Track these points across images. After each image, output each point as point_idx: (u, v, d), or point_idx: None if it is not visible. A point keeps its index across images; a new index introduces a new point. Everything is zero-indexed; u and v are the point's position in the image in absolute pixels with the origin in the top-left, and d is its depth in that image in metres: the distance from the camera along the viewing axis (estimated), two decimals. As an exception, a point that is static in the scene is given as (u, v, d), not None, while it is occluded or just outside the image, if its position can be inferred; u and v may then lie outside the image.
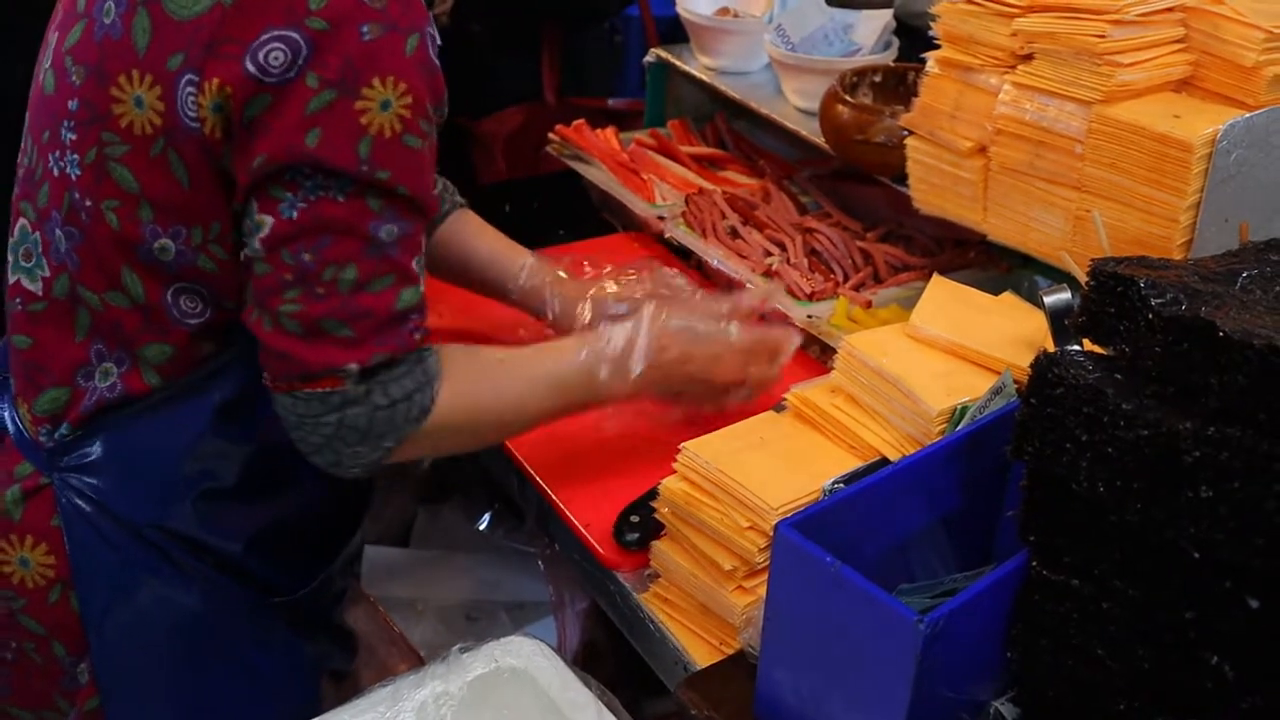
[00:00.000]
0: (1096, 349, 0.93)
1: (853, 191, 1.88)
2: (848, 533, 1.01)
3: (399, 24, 1.04)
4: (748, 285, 1.63)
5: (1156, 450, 0.83)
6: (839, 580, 0.93)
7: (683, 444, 1.19)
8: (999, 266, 1.63)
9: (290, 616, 1.31)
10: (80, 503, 1.20)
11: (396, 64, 1.04)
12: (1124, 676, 0.90)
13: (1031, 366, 0.91)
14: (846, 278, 1.69)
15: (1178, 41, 1.30)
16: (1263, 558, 0.79)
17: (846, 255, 1.72)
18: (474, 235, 1.59)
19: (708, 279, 1.82)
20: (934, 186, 1.47)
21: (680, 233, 1.83)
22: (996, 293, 1.39)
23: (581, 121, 2.08)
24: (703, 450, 1.17)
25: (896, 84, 1.74)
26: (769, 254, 1.73)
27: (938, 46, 1.42)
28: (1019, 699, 0.98)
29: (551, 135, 2.07)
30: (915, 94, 1.46)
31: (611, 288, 1.54)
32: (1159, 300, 0.86)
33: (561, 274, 1.58)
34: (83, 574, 1.20)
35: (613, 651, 1.72)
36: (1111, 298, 0.90)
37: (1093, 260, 0.93)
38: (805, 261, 1.71)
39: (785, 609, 1.01)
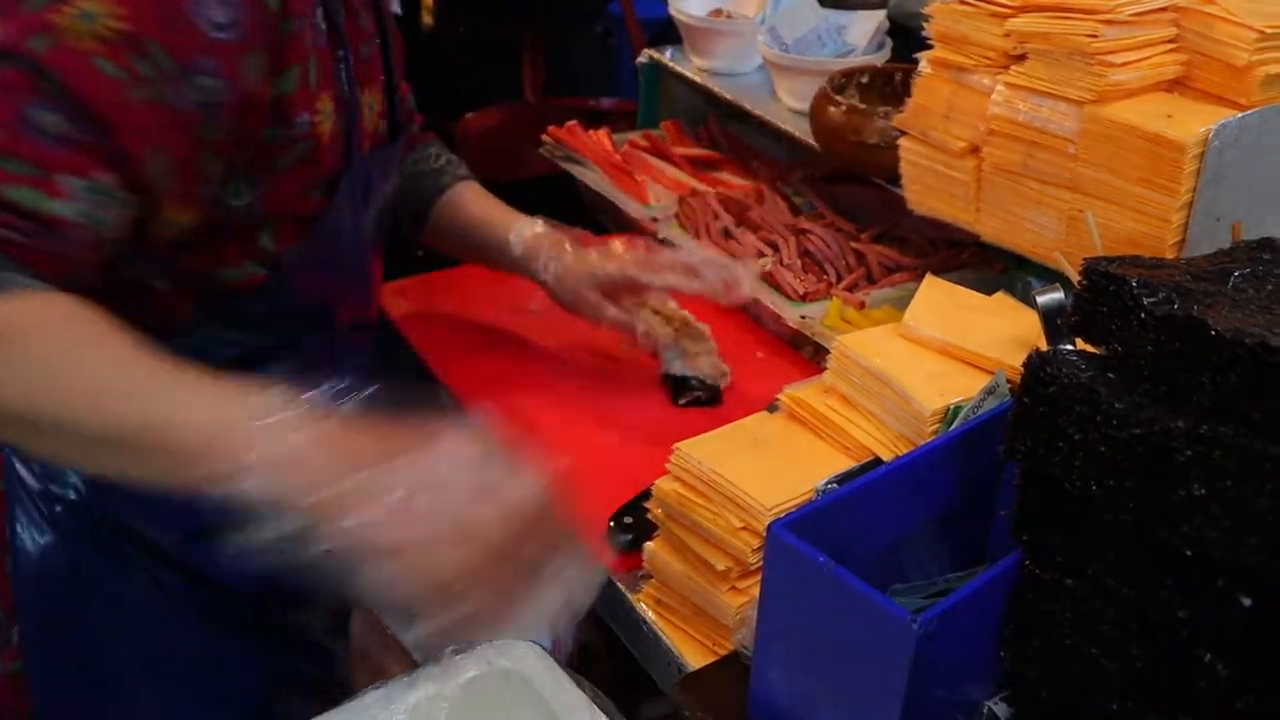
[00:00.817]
0: (1089, 348, 0.93)
1: (846, 193, 1.89)
2: (841, 533, 1.01)
3: None
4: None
5: (1149, 449, 0.82)
6: (832, 580, 0.93)
7: (676, 444, 1.18)
8: (993, 267, 1.63)
9: (234, 613, 1.28)
10: (25, 475, 1.20)
11: None
12: (1117, 675, 0.89)
13: (1024, 365, 0.91)
14: (840, 278, 1.69)
15: (1170, 41, 1.30)
16: (1256, 556, 0.79)
17: (840, 256, 1.72)
18: (470, 201, 1.55)
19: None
20: (927, 187, 1.47)
21: (673, 234, 1.83)
22: (990, 293, 1.39)
23: (574, 123, 2.08)
24: (695, 451, 1.17)
25: (884, 85, 1.74)
26: (762, 255, 1.73)
27: (931, 47, 1.42)
28: (1012, 699, 0.98)
29: (544, 137, 2.07)
30: (903, 94, 1.47)
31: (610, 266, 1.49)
32: (1151, 299, 0.86)
33: (567, 245, 1.52)
34: (18, 543, 1.20)
35: (607, 655, 1.72)
36: (1104, 297, 0.90)
37: (1085, 259, 0.93)
38: (799, 262, 1.71)
39: (779, 609, 1.00)
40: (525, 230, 1.53)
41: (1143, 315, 0.86)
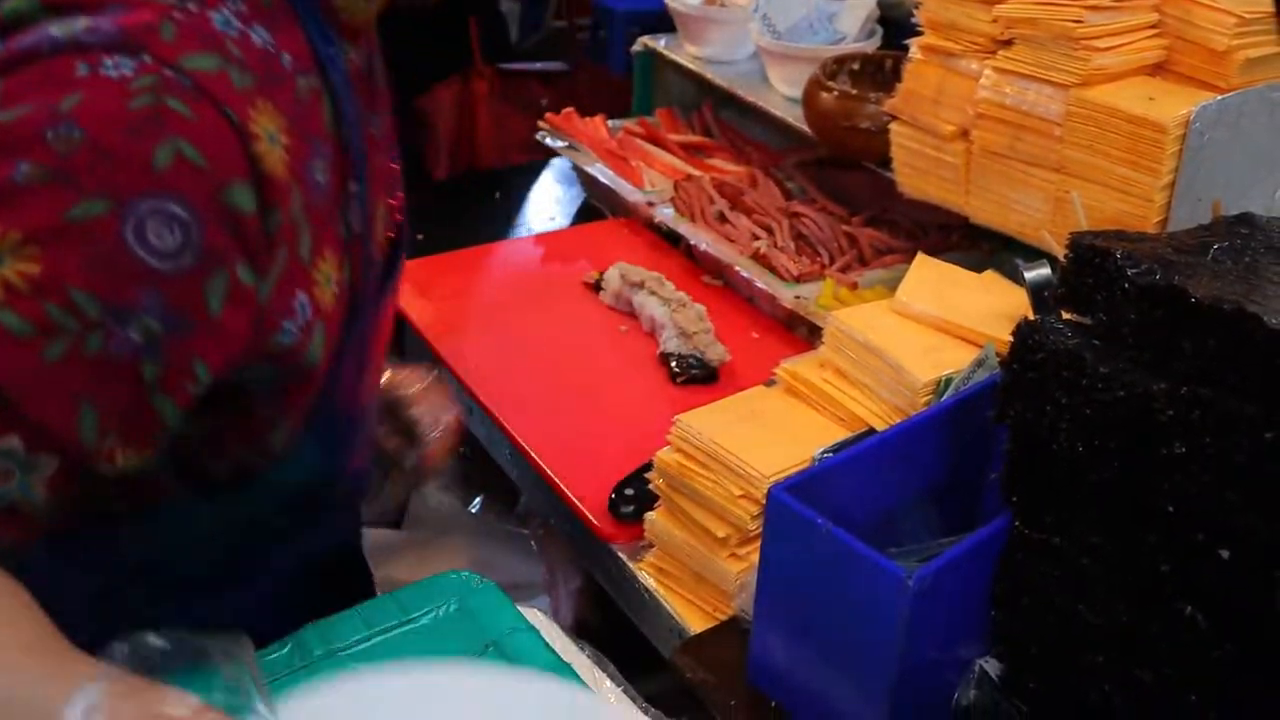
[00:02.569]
0: (1076, 319, 0.97)
1: (838, 177, 1.93)
2: (837, 500, 1.05)
3: (77, 179, 0.76)
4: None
5: (1132, 411, 0.87)
6: (830, 540, 0.97)
7: (676, 416, 1.22)
8: (981, 249, 1.67)
9: None
10: None
11: (37, 223, 0.76)
12: (1103, 630, 0.94)
13: (1014, 334, 0.95)
14: (832, 260, 1.73)
15: (1152, 27, 1.34)
16: (1234, 511, 0.83)
17: (832, 239, 1.76)
18: None
19: (696, 264, 1.86)
20: (917, 170, 1.50)
21: (669, 217, 1.86)
22: (980, 273, 1.43)
23: (571, 110, 2.12)
24: (696, 422, 1.20)
25: (875, 71, 1.78)
26: (756, 237, 1.77)
27: (920, 35, 1.46)
28: (1003, 655, 1.02)
29: (541, 123, 2.11)
30: (893, 81, 1.50)
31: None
32: (1134, 270, 0.90)
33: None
34: None
35: (606, 630, 1.76)
36: (1089, 269, 0.94)
37: (1071, 234, 0.97)
38: (792, 245, 1.75)
39: (778, 572, 1.04)
40: None
41: (1126, 285, 0.91)
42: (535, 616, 1.18)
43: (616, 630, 1.49)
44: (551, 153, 2.11)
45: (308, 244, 0.90)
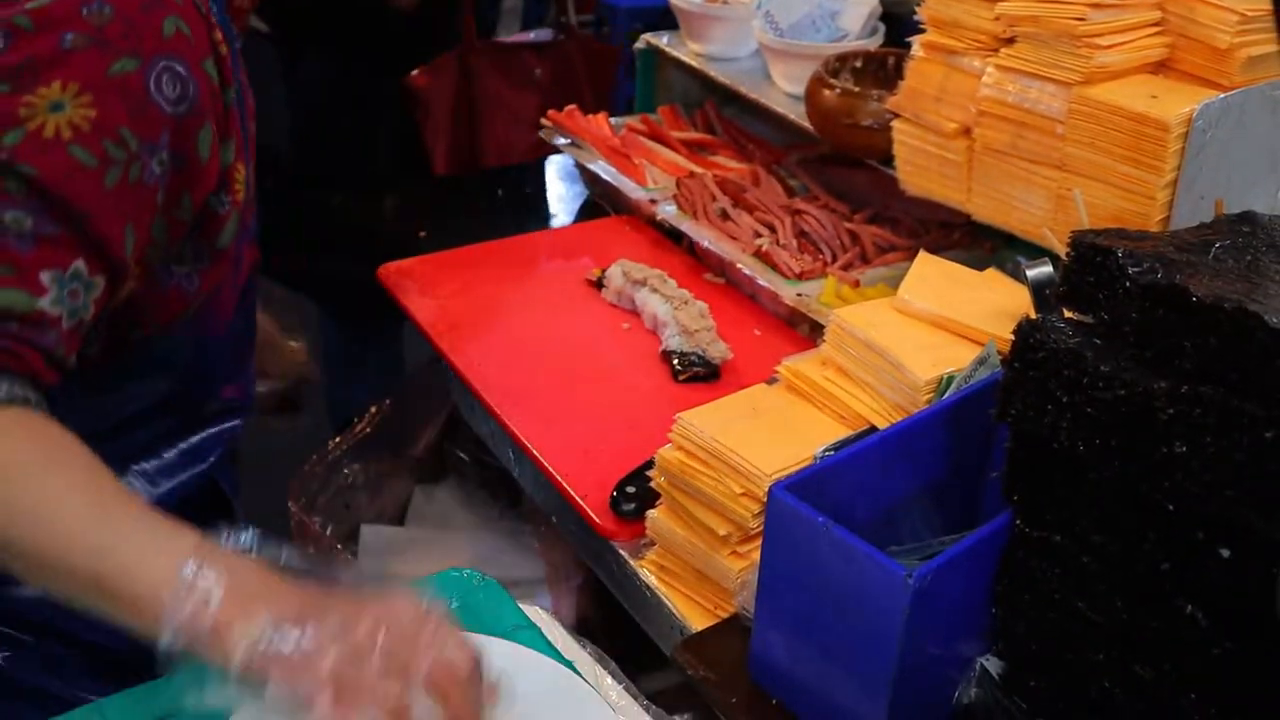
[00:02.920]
0: (1077, 317, 0.97)
1: (840, 175, 1.93)
2: (838, 498, 1.05)
3: (114, 43, 0.99)
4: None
5: (1133, 409, 0.87)
6: (830, 538, 0.97)
7: (678, 414, 1.22)
8: (983, 247, 1.67)
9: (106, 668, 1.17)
10: None
11: (89, 77, 0.98)
12: (1103, 628, 0.94)
13: (1015, 332, 0.95)
14: (835, 258, 1.73)
15: (1155, 25, 1.34)
16: (1234, 509, 0.83)
17: (835, 236, 1.76)
18: None
19: (699, 261, 1.86)
20: (920, 168, 1.50)
21: (671, 214, 1.86)
22: (982, 271, 1.43)
23: (573, 107, 2.12)
24: (697, 419, 1.21)
25: (877, 69, 1.79)
26: (759, 235, 1.77)
27: (922, 33, 1.46)
28: (1003, 653, 1.02)
29: (544, 121, 2.11)
30: (896, 78, 1.50)
31: None
32: (1136, 269, 0.90)
33: None
34: None
35: (606, 627, 1.76)
36: (1091, 267, 0.94)
37: (1073, 232, 0.97)
38: (794, 242, 1.75)
39: (779, 570, 1.04)
40: None
41: (1127, 284, 0.91)
42: (537, 614, 1.19)
43: (620, 628, 1.49)
44: (554, 149, 2.11)
45: (234, 144, 1.13)
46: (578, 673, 1.09)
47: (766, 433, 1.21)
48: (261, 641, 0.83)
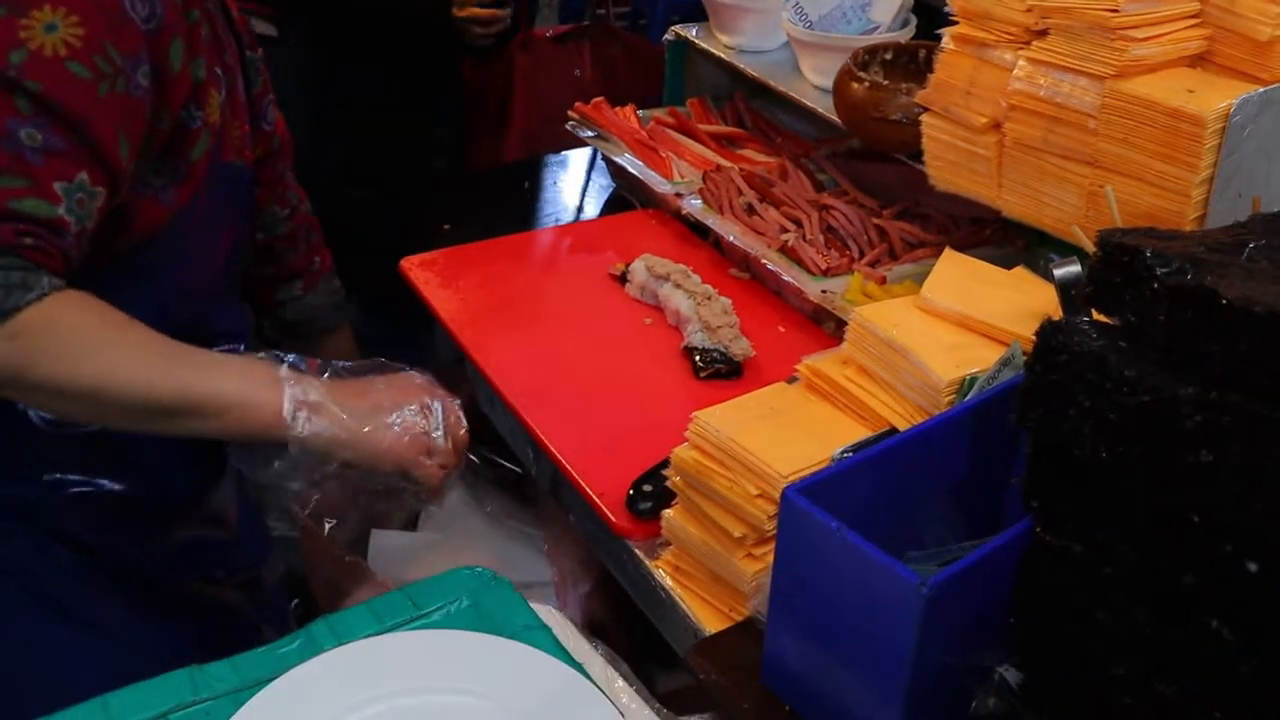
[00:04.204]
0: (1104, 319, 0.94)
1: (869, 169, 1.89)
2: (856, 500, 1.03)
3: None
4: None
5: (1158, 416, 0.83)
6: (844, 544, 0.95)
7: (694, 413, 1.20)
8: (1014, 244, 1.64)
9: (127, 579, 1.38)
10: None
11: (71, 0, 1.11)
12: (1125, 641, 0.91)
13: (1036, 335, 0.92)
14: (862, 254, 1.70)
15: (1192, 16, 1.30)
16: (1262, 521, 0.80)
17: (862, 232, 1.73)
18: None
19: (724, 256, 1.84)
20: (949, 163, 1.47)
21: (697, 209, 1.84)
22: (1011, 269, 1.40)
23: (601, 99, 2.10)
24: (713, 419, 1.18)
25: (908, 61, 1.75)
26: (785, 230, 1.74)
27: (954, 24, 1.42)
28: (1022, 664, 0.99)
29: (571, 113, 2.09)
30: (927, 71, 1.47)
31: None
32: (1164, 269, 0.87)
33: None
34: None
35: (615, 632, 1.74)
36: (1118, 267, 0.91)
37: (1100, 231, 0.94)
38: (821, 238, 1.72)
39: (792, 574, 1.02)
40: None
41: (1155, 285, 0.87)
42: (549, 614, 1.17)
43: (629, 632, 1.47)
44: (580, 142, 2.09)
45: (203, 63, 1.26)
46: (586, 675, 1.07)
47: (784, 433, 1.18)
48: (360, 421, 1.27)
